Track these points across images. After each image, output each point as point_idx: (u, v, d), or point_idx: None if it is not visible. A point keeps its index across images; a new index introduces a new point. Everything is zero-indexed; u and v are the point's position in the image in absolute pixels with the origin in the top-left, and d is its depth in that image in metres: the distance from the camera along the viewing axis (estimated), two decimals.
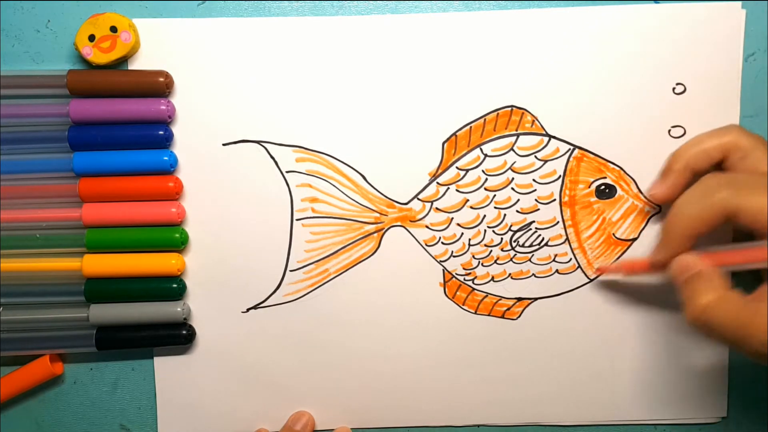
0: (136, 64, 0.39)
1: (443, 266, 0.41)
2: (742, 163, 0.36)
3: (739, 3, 0.39)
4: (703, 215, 0.34)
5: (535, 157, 0.40)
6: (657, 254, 0.37)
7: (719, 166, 0.37)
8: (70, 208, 0.39)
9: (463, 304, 0.41)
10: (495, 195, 0.40)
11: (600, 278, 0.40)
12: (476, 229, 0.40)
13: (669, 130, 0.40)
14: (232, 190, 0.40)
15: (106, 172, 0.39)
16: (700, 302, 0.33)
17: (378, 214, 0.40)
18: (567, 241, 0.40)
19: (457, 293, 0.41)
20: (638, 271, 0.39)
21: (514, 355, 0.41)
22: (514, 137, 0.40)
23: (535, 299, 0.41)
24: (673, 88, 0.39)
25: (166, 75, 0.38)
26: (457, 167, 0.40)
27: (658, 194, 0.38)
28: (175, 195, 0.39)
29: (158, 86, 0.38)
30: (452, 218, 0.40)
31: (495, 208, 0.40)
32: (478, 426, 0.42)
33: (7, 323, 0.39)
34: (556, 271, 0.41)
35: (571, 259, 0.40)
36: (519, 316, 0.41)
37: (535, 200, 0.40)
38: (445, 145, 0.40)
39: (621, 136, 0.40)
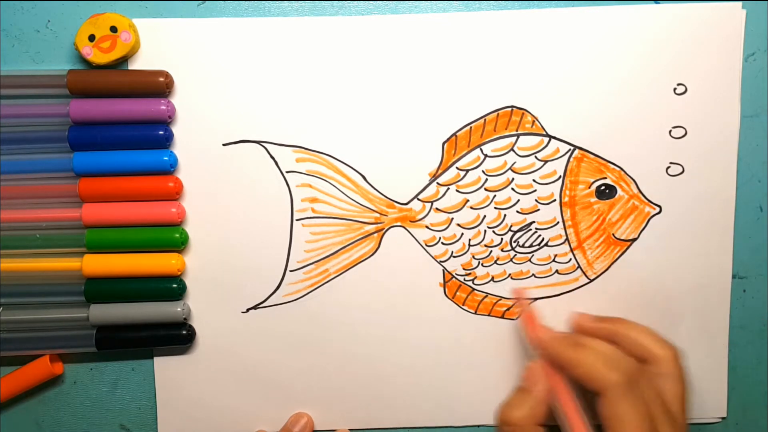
0: (136, 64, 0.39)
1: (443, 266, 0.41)
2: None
3: (740, 3, 0.39)
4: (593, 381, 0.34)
5: (536, 157, 0.40)
6: (540, 343, 0.37)
7: None
8: (70, 208, 0.39)
9: (463, 304, 0.41)
10: (495, 195, 0.40)
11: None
12: (476, 230, 0.40)
13: (670, 131, 0.40)
14: (232, 190, 0.40)
15: (106, 172, 0.39)
16: (513, 414, 0.35)
17: (378, 215, 0.40)
18: (567, 242, 0.40)
19: (457, 293, 0.41)
20: (526, 326, 0.39)
21: (514, 355, 0.41)
22: (515, 137, 0.40)
23: (535, 299, 0.41)
24: (674, 89, 0.39)
25: (166, 75, 0.38)
26: (457, 167, 0.40)
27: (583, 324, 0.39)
28: (175, 195, 0.39)
29: (158, 86, 0.38)
30: (452, 218, 0.40)
31: (495, 208, 0.40)
32: (478, 426, 0.42)
33: (7, 323, 0.39)
34: (556, 271, 0.41)
35: (570, 259, 0.40)
36: (519, 316, 0.41)
37: (535, 200, 0.40)
38: (445, 145, 0.40)
39: (621, 136, 0.40)
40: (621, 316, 0.40)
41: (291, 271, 0.40)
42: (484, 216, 0.40)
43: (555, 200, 0.40)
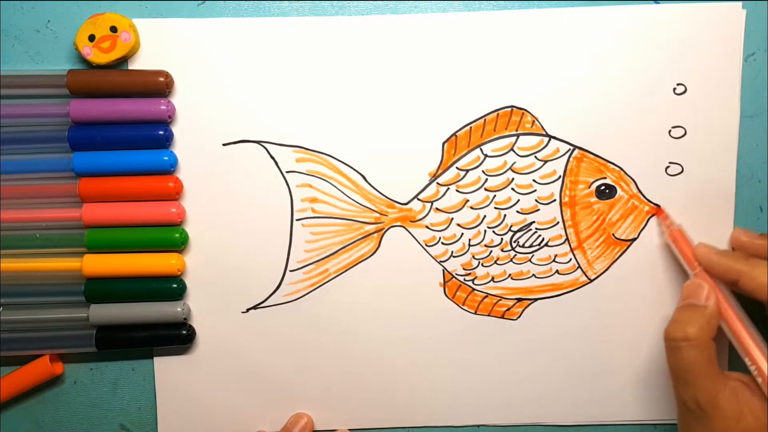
0: (136, 64, 0.39)
1: (443, 266, 0.41)
2: None
3: (739, 3, 0.39)
4: None
5: (535, 157, 0.40)
6: (705, 259, 0.37)
7: None
8: (70, 208, 0.39)
9: (463, 304, 0.41)
10: (495, 195, 0.40)
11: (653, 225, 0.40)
12: (476, 230, 0.40)
13: (669, 131, 0.40)
14: (232, 190, 0.40)
15: (106, 172, 0.39)
16: (686, 330, 0.34)
17: (378, 215, 0.40)
18: (567, 242, 0.40)
19: (457, 293, 0.41)
20: (679, 247, 0.38)
21: (514, 355, 0.41)
22: (514, 137, 0.40)
23: (535, 299, 0.41)
24: (674, 89, 0.39)
25: (166, 75, 0.38)
26: (457, 167, 0.40)
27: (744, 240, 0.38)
28: (175, 195, 0.39)
29: (158, 86, 0.38)
30: (452, 218, 0.40)
31: (495, 208, 0.40)
32: (478, 426, 0.42)
33: (7, 323, 0.39)
34: (556, 271, 0.41)
35: (571, 259, 0.40)
36: (519, 317, 0.41)
37: (535, 200, 0.40)
38: (445, 145, 0.40)
39: (621, 136, 0.40)
40: (620, 315, 0.41)
41: (291, 271, 0.40)
42: (484, 216, 0.40)
43: (555, 200, 0.40)
